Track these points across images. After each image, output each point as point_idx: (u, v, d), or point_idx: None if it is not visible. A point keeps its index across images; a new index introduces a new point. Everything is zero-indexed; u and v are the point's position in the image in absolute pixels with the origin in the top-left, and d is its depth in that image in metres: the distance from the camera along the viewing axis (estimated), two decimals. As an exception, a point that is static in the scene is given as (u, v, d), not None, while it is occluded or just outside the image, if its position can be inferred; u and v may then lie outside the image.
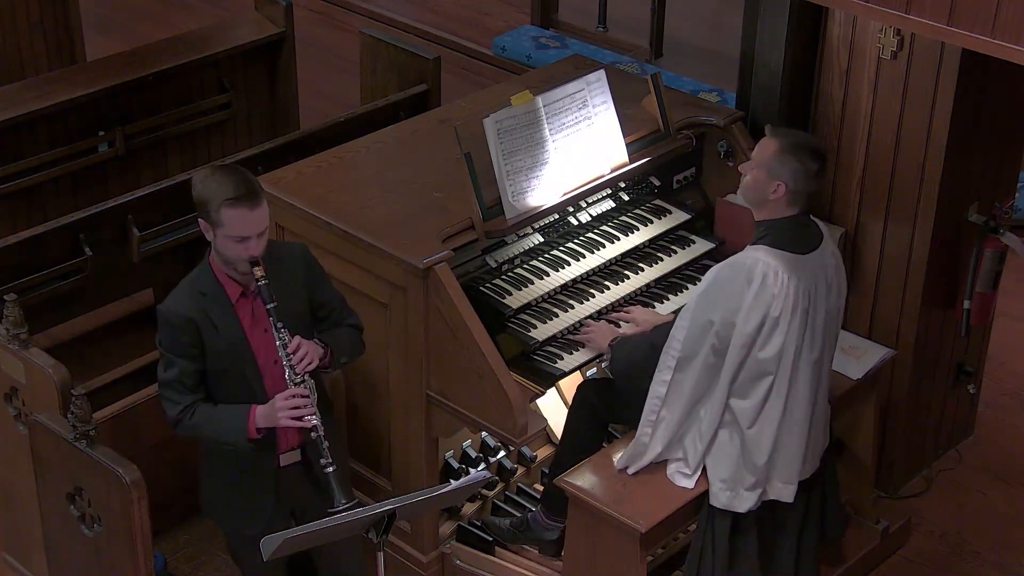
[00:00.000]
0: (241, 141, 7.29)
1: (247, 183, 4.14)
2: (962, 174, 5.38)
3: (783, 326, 4.38)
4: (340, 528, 4.00)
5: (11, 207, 6.49)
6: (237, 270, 4.20)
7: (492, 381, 4.61)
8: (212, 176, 4.17)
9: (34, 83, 6.89)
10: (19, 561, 5.34)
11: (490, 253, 5.00)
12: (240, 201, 4.09)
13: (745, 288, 4.35)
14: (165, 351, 4.26)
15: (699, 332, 4.42)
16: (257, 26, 7.28)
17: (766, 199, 4.42)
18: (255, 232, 4.13)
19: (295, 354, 4.21)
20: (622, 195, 5.41)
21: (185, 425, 4.27)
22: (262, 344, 4.27)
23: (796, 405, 4.49)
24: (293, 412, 4.18)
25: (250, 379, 4.29)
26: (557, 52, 8.97)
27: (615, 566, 4.60)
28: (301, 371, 4.22)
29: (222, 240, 4.15)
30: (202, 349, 4.23)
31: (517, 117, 4.96)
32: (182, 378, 4.23)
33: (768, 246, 4.40)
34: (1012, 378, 6.56)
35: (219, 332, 4.23)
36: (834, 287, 4.53)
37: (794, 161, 4.36)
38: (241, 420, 4.22)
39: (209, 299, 4.23)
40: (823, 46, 5.47)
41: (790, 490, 4.60)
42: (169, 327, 4.23)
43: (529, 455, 5.49)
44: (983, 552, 5.63)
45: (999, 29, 3.89)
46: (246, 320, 4.27)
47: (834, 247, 4.60)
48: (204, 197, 4.14)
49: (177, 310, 4.22)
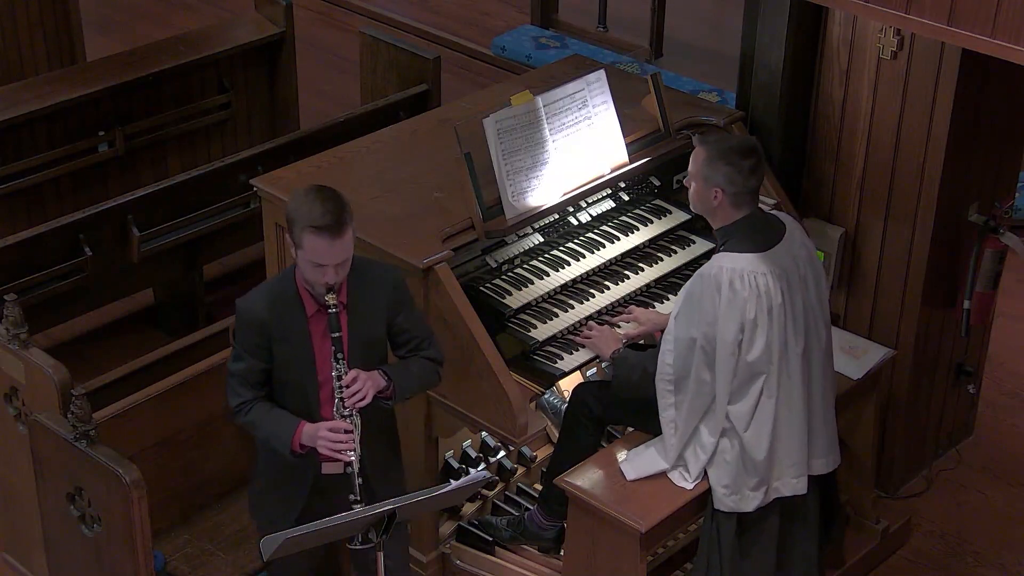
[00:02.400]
0: (241, 141, 7.30)
1: (335, 212, 4.05)
2: (962, 174, 5.38)
3: (763, 326, 4.40)
4: (340, 528, 4.00)
5: (11, 207, 6.50)
6: (315, 291, 4.18)
7: (492, 381, 4.61)
8: (305, 197, 4.09)
9: (34, 83, 6.89)
10: (19, 561, 5.34)
11: (490, 253, 5.00)
12: (324, 231, 4.02)
13: (716, 298, 4.38)
14: (236, 344, 4.25)
15: (685, 351, 4.45)
16: (257, 26, 7.29)
17: (711, 207, 4.47)
18: (334, 262, 4.07)
19: (348, 387, 4.17)
20: (622, 195, 5.41)
21: (241, 419, 4.26)
22: (328, 360, 4.22)
23: (791, 400, 4.50)
24: (332, 445, 4.15)
25: (308, 390, 4.25)
26: (557, 52, 8.97)
27: (615, 566, 4.60)
28: (350, 406, 4.17)
29: (302, 262, 4.11)
30: (270, 351, 4.21)
31: (517, 117, 4.96)
32: (246, 374, 4.22)
33: (730, 251, 4.43)
34: (1012, 378, 6.56)
35: (289, 341, 4.19)
36: (809, 276, 4.53)
37: (724, 165, 4.40)
38: (287, 433, 4.19)
39: (285, 306, 4.19)
40: (823, 46, 5.47)
41: (802, 482, 4.60)
42: (242, 324, 4.22)
43: (529, 455, 5.49)
44: (983, 552, 5.63)
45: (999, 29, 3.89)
46: (317, 334, 4.22)
47: (803, 236, 4.60)
48: (291, 216, 4.08)
49: (252, 309, 4.20)
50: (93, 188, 6.72)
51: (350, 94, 7.87)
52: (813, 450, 4.61)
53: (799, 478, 4.59)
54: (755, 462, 4.50)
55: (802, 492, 4.61)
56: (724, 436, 4.51)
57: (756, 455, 4.49)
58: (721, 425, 4.48)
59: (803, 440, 4.56)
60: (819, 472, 4.66)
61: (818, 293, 4.57)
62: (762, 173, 4.47)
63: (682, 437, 4.54)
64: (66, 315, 6.19)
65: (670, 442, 4.57)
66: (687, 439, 4.55)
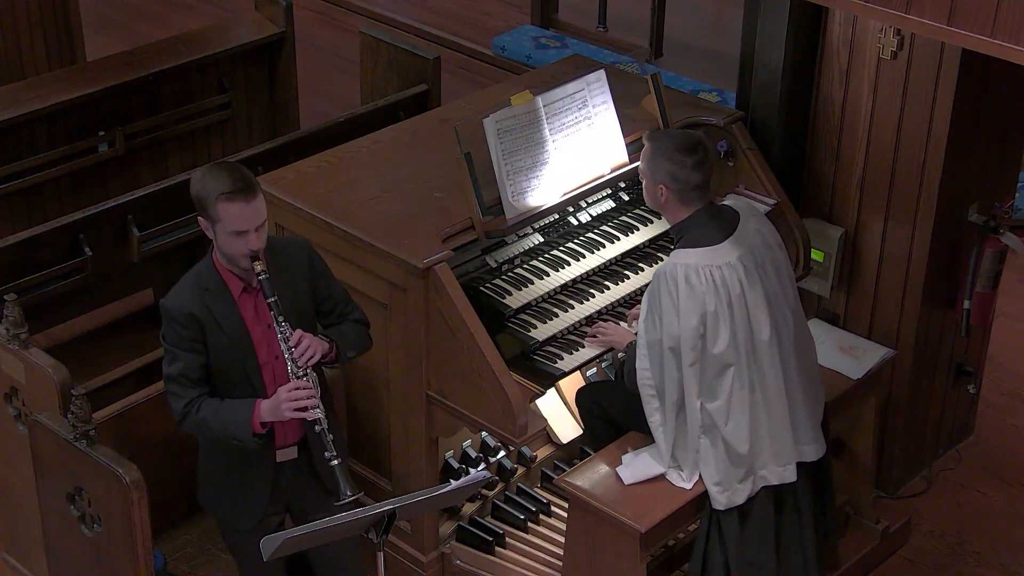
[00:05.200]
0: (241, 141, 7.29)
1: (243, 178, 4.16)
2: (962, 174, 5.38)
3: (724, 318, 4.42)
4: (340, 528, 4.00)
5: (11, 207, 6.50)
6: (239, 266, 4.21)
7: (492, 381, 4.60)
8: (208, 173, 4.20)
9: (34, 83, 6.89)
10: (19, 561, 5.34)
11: (490, 253, 5.00)
12: (236, 195, 4.11)
13: (674, 294, 4.41)
14: (169, 345, 4.26)
15: (656, 354, 4.48)
16: (257, 26, 7.29)
17: (660, 203, 4.53)
18: (253, 225, 4.15)
19: (297, 347, 4.21)
20: (622, 195, 5.41)
21: (191, 420, 4.26)
22: (264, 340, 4.28)
23: (765, 389, 4.52)
24: (296, 404, 4.18)
25: (251, 374, 4.29)
26: (557, 52, 8.98)
27: (615, 566, 4.60)
28: (303, 364, 4.22)
29: (222, 236, 4.17)
30: (205, 344, 4.24)
31: (517, 117, 4.96)
32: (186, 372, 4.24)
33: (684, 247, 4.47)
34: (1012, 378, 6.56)
35: (221, 327, 4.23)
36: (767, 262, 4.54)
37: (665, 162, 4.45)
38: (246, 415, 4.21)
39: (212, 294, 4.24)
40: (823, 46, 5.47)
41: (791, 470, 4.62)
42: (172, 321, 4.23)
43: (529, 455, 5.49)
44: (983, 552, 5.63)
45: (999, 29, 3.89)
46: (248, 315, 4.27)
47: (758, 223, 4.60)
48: (201, 194, 4.16)
49: (179, 305, 4.23)
50: (93, 188, 6.72)
51: (350, 94, 7.87)
52: (800, 436, 4.63)
53: (786, 466, 4.61)
54: (739, 454, 4.52)
55: (791, 480, 4.62)
56: (707, 434, 4.53)
57: (739, 447, 4.51)
58: (698, 418, 4.50)
59: (785, 427, 4.58)
60: (810, 459, 4.67)
61: (780, 279, 4.57)
62: (709, 168, 4.49)
63: (670, 439, 4.56)
64: (66, 315, 6.19)
65: (661, 446, 4.59)
66: (674, 440, 4.56)
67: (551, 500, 5.40)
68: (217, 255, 4.26)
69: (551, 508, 5.38)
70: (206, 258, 4.32)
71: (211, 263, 4.28)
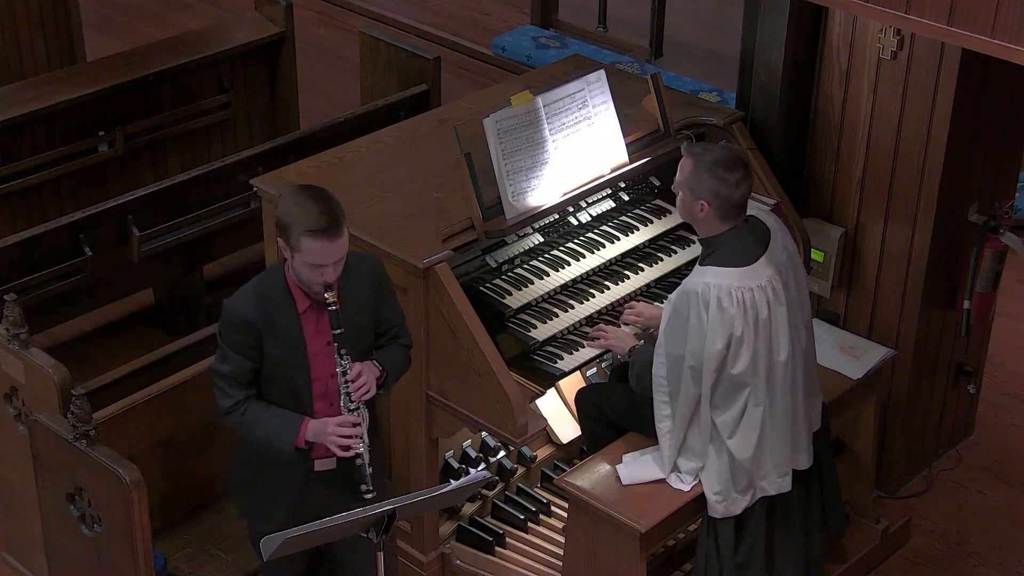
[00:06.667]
0: (241, 141, 7.29)
1: (331, 214, 4.05)
2: (962, 174, 5.38)
3: (748, 340, 4.40)
4: (340, 528, 4.00)
5: (11, 207, 6.49)
6: (311, 290, 4.16)
7: (492, 381, 4.60)
8: (297, 201, 4.08)
9: (34, 83, 6.88)
10: (19, 561, 5.34)
11: (490, 253, 5.00)
12: (321, 234, 4.03)
13: (703, 316, 4.37)
14: (223, 344, 4.22)
15: (675, 366, 4.46)
16: (257, 26, 7.28)
17: (697, 218, 4.45)
18: (332, 261, 4.09)
19: (354, 382, 4.19)
20: (622, 195, 5.41)
21: (235, 419, 4.23)
22: (320, 356, 4.23)
23: (776, 406, 4.52)
24: (342, 440, 4.18)
25: (300, 388, 4.24)
26: (557, 52, 8.98)
27: (615, 566, 4.60)
28: (357, 399, 4.20)
29: (299, 264, 4.10)
30: (259, 351, 4.20)
31: (517, 117, 4.96)
32: (236, 374, 4.20)
33: (716, 265, 4.42)
34: (1012, 378, 6.56)
35: (279, 339, 4.18)
36: (791, 281, 4.53)
37: (710, 179, 4.37)
38: (292, 430, 4.19)
39: (275, 304, 4.18)
40: (823, 46, 5.47)
41: (787, 480, 4.62)
42: (230, 324, 4.20)
43: (529, 455, 5.49)
44: (983, 552, 5.63)
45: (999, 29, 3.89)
46: (309, 330, 4.22)
47: (784, 239, 4.58)
48: (286, 222, 4.07)
49: (240, 310, 4.18)
50: (93, 188, 6.72)
51: (350, 94, 7.87)
52: (796, 446, 4.63)
53: (783, 476, 4.62)
54: (743, 467, 4.52)
55: (787, 489, 4.63)
56: (711, 443, 4.53)
57: (743, 460, 4.52)
58: (707, 431, 4.50)
59: (787, 440, 4.59)
60: (803, 467, 4.67)
61: (799, 292, 4.57)
62: (749, 185, 4.44)
63: (675, 446, 4.56)
64: (66, 315, 6.19)
65: (666, 452, 4.59)
66: (680, 448, 4.56)
67: (551, 500, 5.40)
68: (289, 267, 4.20)
69: (551, 508, 5.39)
70: (276, 266, 4.26)
71: (281, 273, 4.22)
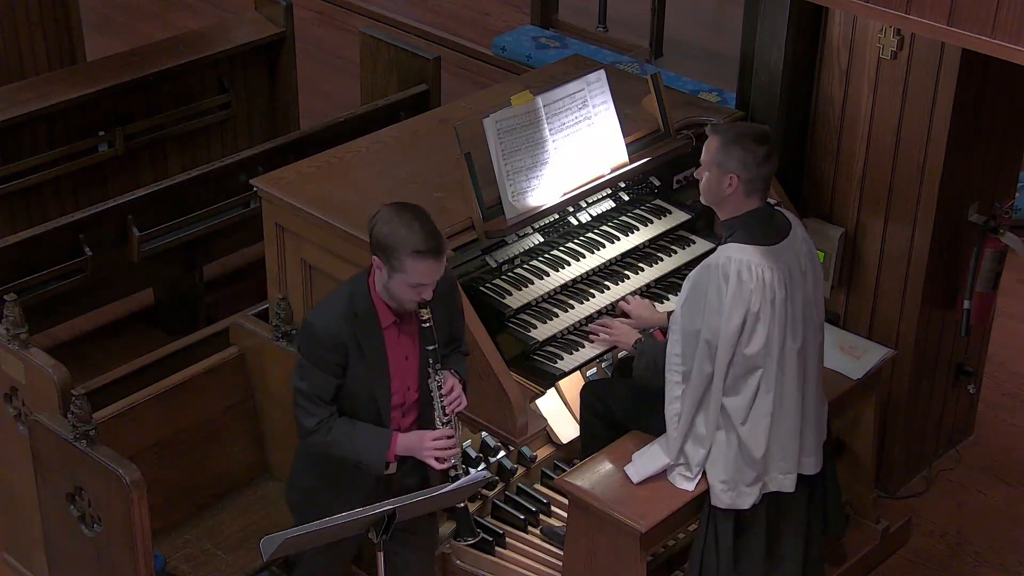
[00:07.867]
0: (241, 141, 7.29)
1: (435, 233, 4.05)
2: (962, 174, 5.38)
3: (764, 319, 4.40)
4: (340, 528, 4.00)
5: (11, 207, 6.50)
6: (403, 307, 4.15)
7: (492, 381, 4.60)
8: (399, 220, 4.05)
9: (34, 83, 6.89)
10: (19, 561, 5.34)
11: (490, 253, 5.00)
12: (428, 255, 4.01)
13: (723, 288, 4.37)
14: (307, 362, 4.17)
15: (692, 342, 4.44)
16: (257, 26, 7.28)
17: (724, 195, 4.43)
18: (433, 280, 4.09)
19: (448, 395, 4.21)
20: (622, 195, 5.41)
21: (319, 440, 4.19)
22: (400, 370, 4.23)
23: (786, 395, 4.51)
24: (439, 453, 4.19)
25: (380, 402, 4.23)
26: (557, 52, 8.98)
27: (615, 566, 4.60)
28: (451, 412, 4.22)
29: (397, 283, 4.07)
30: (344, 368, 4.17)
31: (517, 117, 4.96)
32: (320, 392, 4.17)
33: (738, 242, 4.42)
34: (1012, 378, 6.56)
35: (364, 357, 4.16)
36: (809, 273, 4.53)
37: (739, 150, 4.37)
38: (382, 446, 4.18)
39: (361, 321, 4.15)
40: (823, 46, 5.47)
41: (791, 479, 4.61)
42: (316, 343, 4.14)
43: (529, 455, 5.49)
44: (983, 552, 5.63)
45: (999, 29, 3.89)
46: (391, 345, 4.21)
47: (804, 233, 4.60)
48: (389, 242, 4.03)
49: (329, 328, 4.13)
50: (93, 188, 6.72)
51: (350, 94, 7.87)
52: (804, 446, 4.62)
53: (787, 475, 4.60)
54: (753, 457, 4.50)
55: (790, 490, 4.61)
56: (721, 429, 4.51)
57: (755, 450, 4.50)
58: (716, 417, 4.48)
59: (795, 437, 4.57)
60: (808, 472, 4.66)
61: (816, 292, 4.58)
62: (775, 162, 4.44)
63: (684, 431, 4.54)
64: (66, 315, 6.19)
65: (672, 435, 4.56)
66: (687, 432, 4.55)
67: (551, 500, 5.40)
68: (375, 282, 4.17)
69: (551, 508, 5.38)
70: (360, 279, 4.22)
71: (366, 288, 4.18)
